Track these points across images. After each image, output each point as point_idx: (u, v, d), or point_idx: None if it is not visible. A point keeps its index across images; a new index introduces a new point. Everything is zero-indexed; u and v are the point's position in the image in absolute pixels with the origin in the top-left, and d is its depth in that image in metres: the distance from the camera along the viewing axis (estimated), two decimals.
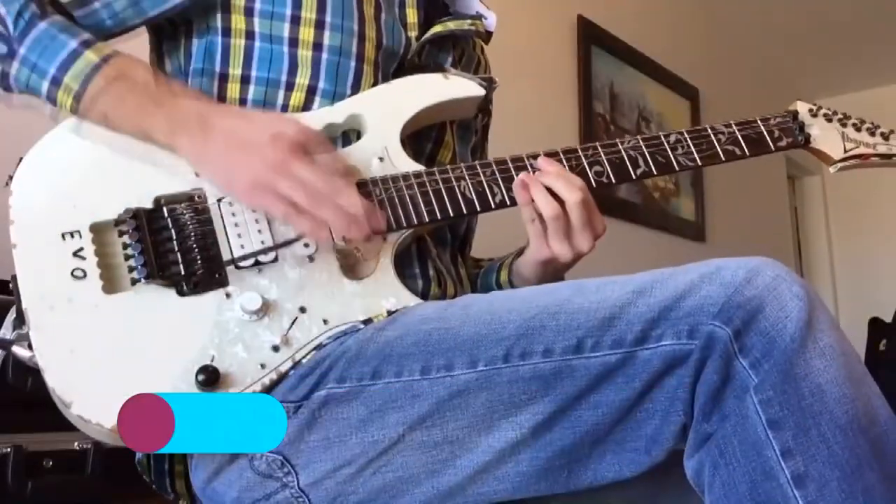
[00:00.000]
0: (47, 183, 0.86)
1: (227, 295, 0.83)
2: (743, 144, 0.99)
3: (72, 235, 0.83)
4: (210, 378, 0.77)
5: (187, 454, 0.90)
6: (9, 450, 1.21)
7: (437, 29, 1.02)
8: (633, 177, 0.97)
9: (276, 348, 0.81)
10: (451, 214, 0.91)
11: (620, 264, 3.58)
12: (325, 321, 0.84)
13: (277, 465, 0.82)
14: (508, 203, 0.93)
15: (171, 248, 0.83)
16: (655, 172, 0.97)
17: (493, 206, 0.92)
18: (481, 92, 1.00)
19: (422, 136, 1.01)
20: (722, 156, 0.99)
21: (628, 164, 0.97)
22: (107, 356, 0.78)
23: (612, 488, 0.79)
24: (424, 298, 0.91)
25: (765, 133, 1.01)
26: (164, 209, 0.85)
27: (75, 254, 0.82)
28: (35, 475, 1.23)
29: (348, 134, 0.95)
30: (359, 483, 0.81)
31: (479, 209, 0.91)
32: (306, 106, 0.94)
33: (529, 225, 0.94)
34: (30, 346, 0.78)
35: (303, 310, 0.84)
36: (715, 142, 0.99)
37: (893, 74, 5.17)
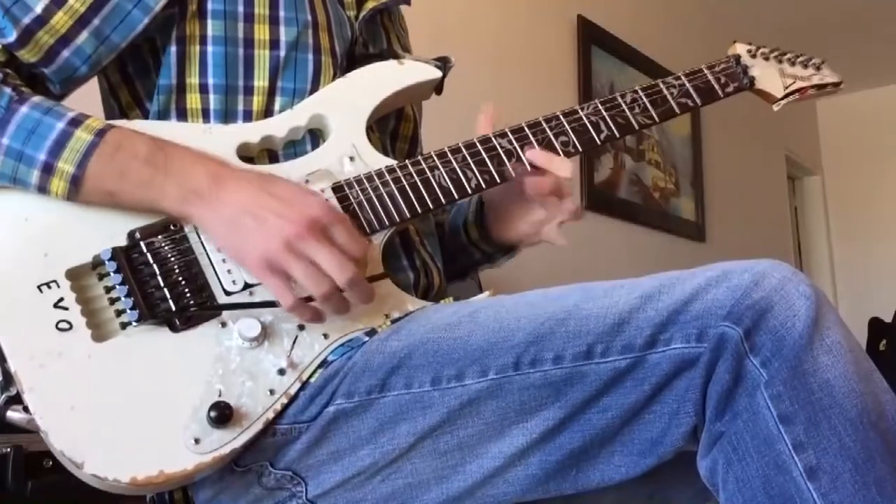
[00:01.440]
0: (11, 233, 0.80)
1: (223, 324, 0.80)
2: (694, 95, 1.03)
3: (48, 286, 0.77)
4: (222, 415, 0.75)
5: None
6: (9, 450, 1.21)
7: (370, 4, 1.02)
8: (598, 142, 0.98)
9: (281, 371, 0.80)
10: (431, 206, 0.90)
11: (621, 264, 3.59)
12: (325, 335, 0.83)
13: (287, 479, 0.82)
14: (484, 186, 0.93)
15: (157, 284, 0.80)
16: (617, 135, 0.98)
17: (469, 191, 0.92)
18: (438, 74, 0.99)
19: (385, 114, 1.01)
20: (676, 109, 1.01)
21: (591, 130, 0.97)
22: (110, 407, 0.75)
23: (611, 488, 0.80)
24: (415, 290, 0.92)
25: (712, 80, 1.04)
26: (142, 244, 0.81)
27: (56, 305, 0.77)
28: (35, 475, 1.23)
29: (314, 132, 0.93)
30: (367, 490, 0.81)
31: (457, 197, 0.92)
32: (267, 108, 0.91)
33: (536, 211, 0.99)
34: (25, 409, 0.74)
35: (301, 327, 0.82)
36: (668, 96, 1.01)
37: (894, 75, 5.16)
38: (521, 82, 3.06)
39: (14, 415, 0.75)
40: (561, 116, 0.97)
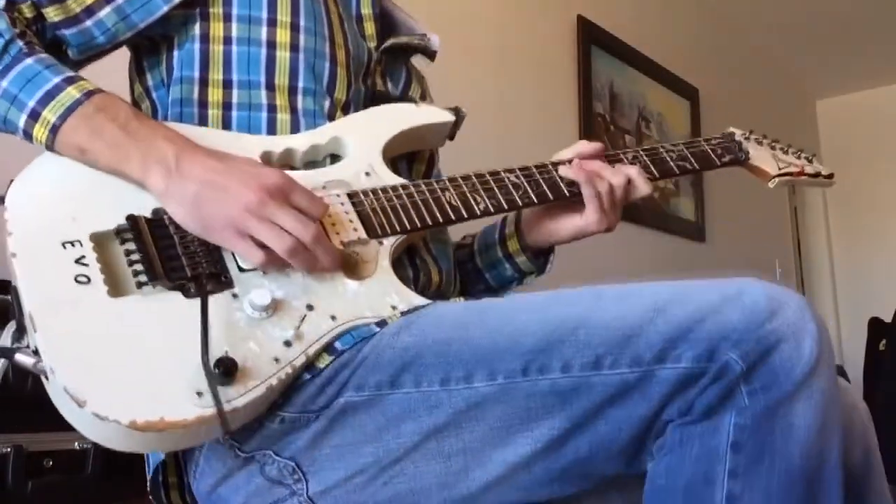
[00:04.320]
0: (43, 197, 0.86)
1: (235, 295, 0.83)
2: (691, 160, 1.12)
3: (72, 244, 0.82)
4: (228, 369, 0.76)
5: (187, 462, 0.90)
6: (9, 450, 1.22)
7: (392, 40, 1.09)
8: None
9: (287, 343, 0.81)
10: (441, 221, 0.95)
11: (621, 264, 3.58)
12: (333, 317, 0.84)
13: (289, 472, 0.83)
14: (492, 210, 0.99)
15: (176, 253, 0.83)
16: None
17: (478, 213, 0.98)
18: (451, 118, 1.06)
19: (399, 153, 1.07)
20: (676, 170, 1.11)
21: None
22: (117, 356, 0.77)
23: (613, 488, 0.80)
24: (415, 285, 0.95)
25: (708, 150, 1.14)
26: (165, 217, 0.85)
27: (77, 261, 0.81)
28: (35, 475, 1.24)
29: (333, 157, 0.98)
30: (368, 493, 0.81)
31: (465, 216, 0.97)
32: (291, 104, 0.97)
33: (591, 201, 1.03)
34: (35, 353, 0.76)
35: (310, 307, 0.84)
36: (667, 158, 1.10)
37: (894, 75, 5.16)
38: (522, 82, 3.06)
39: (22, 357, 0.77)
40: (567, 161, 1.05)
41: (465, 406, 0.78)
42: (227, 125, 0.97)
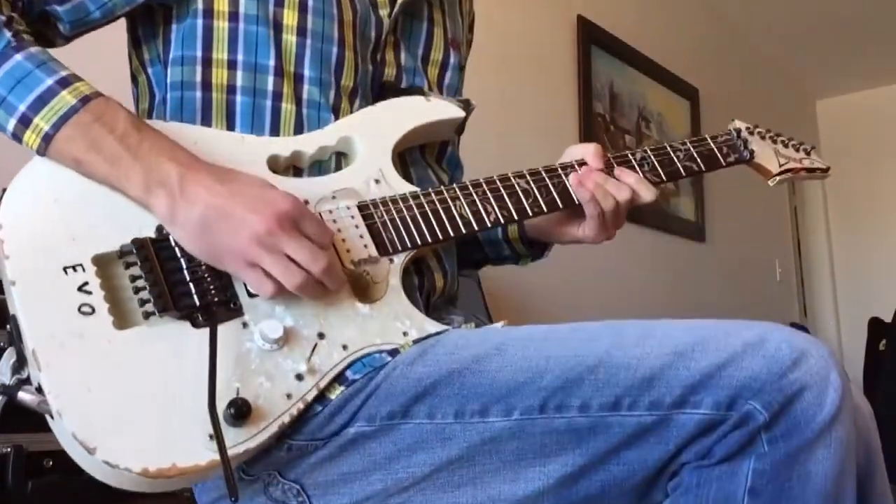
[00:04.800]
0: (38, 213, 0.80)
1: (244, 325, 0.80)
2: (698, 160, 1.10)
3: (74, 269, 0.78)
4: (241, 411, 0.74)
5: None
6: (9, 450, 1.21)
7: None
8: None
9: (300, 377, 0.79)
10: (452, 235, 0.93)
11: (621, 264, 3.57)
12: (344, 346, 0.82)
13: (293, 494, 0.82)
14: (503, 221, 0.96)
15: (183, 278, 0.80)
16: None
17: (488, 225, 0.96)
18: (461, 114, 1.02)
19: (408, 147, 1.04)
20: (682, 171, 1.08)
21: None
22: (127, 395, 0.74)
23: None
24: (420, 291, 0.93)
25: (715, 149, 1.11)
26: (171, 238, 0.81)
27: (80, 288, 0.77)
28: (35, 475, 1.23)
29: (339, 156, 0.95)
30: None
31: (476, 228, 0.95)
32: (296, 93, 0.92)
33: (593, 218, 1.00)
34: (38, 390, 0.73)
35: (321, 336, 0.82)
36: (675, 158, 1.08)
37: (894, 75, 5.16)
38: (522, 82, 3.06)
39: (25, 396, 0.74)
40: (576, 165, 1.02)
41: (480, 440, 0.77)
42: (230, 112, 0.92)
